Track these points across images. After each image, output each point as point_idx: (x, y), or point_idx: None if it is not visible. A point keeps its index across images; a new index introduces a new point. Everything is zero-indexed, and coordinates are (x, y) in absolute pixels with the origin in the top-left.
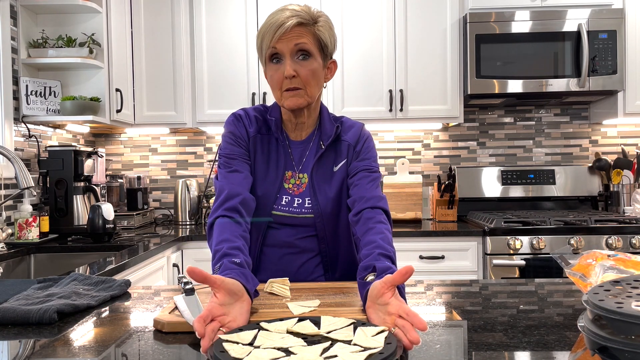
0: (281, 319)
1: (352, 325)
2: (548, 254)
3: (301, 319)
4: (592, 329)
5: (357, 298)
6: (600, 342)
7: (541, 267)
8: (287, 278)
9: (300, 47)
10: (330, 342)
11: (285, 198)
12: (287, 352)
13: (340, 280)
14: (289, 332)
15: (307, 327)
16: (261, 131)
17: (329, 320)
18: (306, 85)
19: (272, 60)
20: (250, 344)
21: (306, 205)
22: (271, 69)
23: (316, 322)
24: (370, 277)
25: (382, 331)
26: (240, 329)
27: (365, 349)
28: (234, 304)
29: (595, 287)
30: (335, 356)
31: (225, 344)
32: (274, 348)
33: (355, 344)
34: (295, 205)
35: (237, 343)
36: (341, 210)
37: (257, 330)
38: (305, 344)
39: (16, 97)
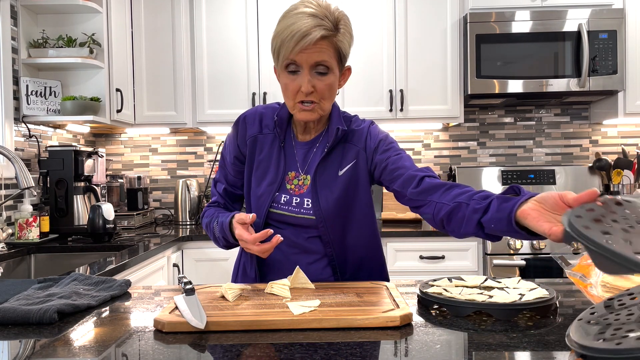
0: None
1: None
2: (548, 254)
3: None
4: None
5: (357, 298)
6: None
7: (541, 267)
8: (287, 279)
9: (320, 63)
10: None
11: (284, 197)
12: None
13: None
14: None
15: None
16: (264, 131)
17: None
18: (321, 99)
19: (288, 69)
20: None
21: (305, 205)
22: (287, 78)
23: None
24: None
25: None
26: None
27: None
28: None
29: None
30: (524, 295)
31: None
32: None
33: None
34: (294, 204)
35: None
36: (348, 214)
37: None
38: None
39: (16, 97)
